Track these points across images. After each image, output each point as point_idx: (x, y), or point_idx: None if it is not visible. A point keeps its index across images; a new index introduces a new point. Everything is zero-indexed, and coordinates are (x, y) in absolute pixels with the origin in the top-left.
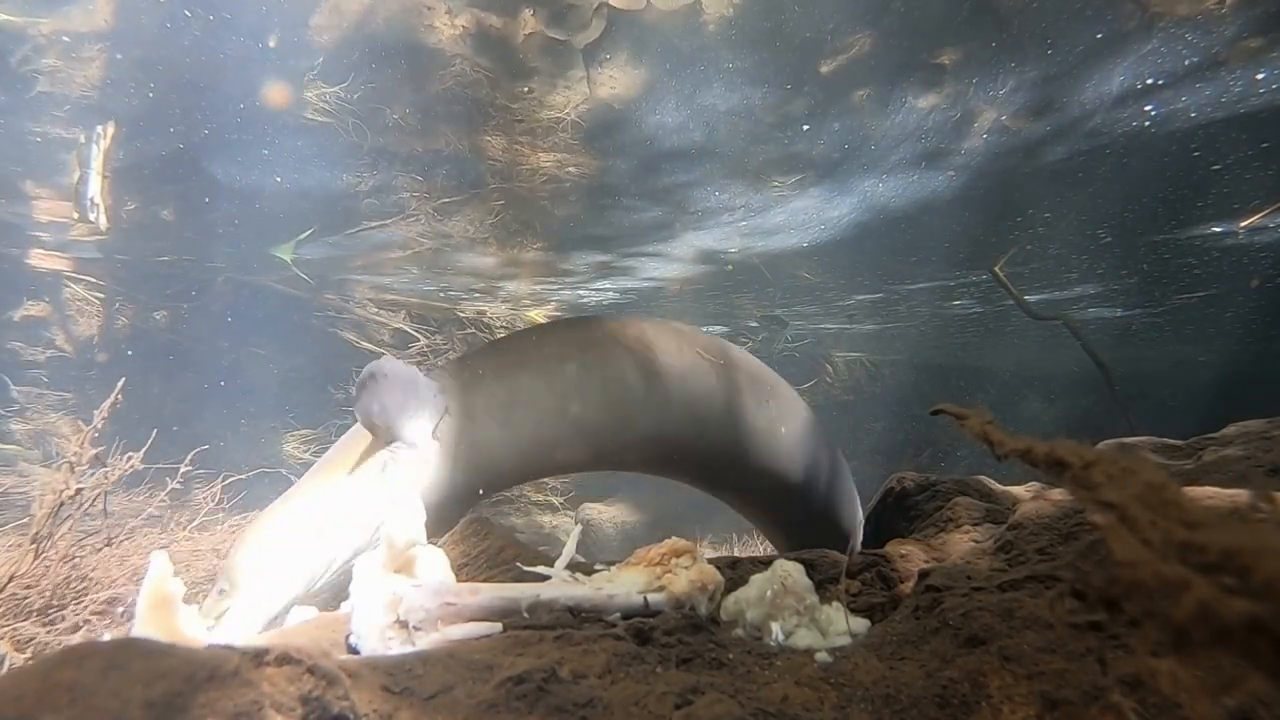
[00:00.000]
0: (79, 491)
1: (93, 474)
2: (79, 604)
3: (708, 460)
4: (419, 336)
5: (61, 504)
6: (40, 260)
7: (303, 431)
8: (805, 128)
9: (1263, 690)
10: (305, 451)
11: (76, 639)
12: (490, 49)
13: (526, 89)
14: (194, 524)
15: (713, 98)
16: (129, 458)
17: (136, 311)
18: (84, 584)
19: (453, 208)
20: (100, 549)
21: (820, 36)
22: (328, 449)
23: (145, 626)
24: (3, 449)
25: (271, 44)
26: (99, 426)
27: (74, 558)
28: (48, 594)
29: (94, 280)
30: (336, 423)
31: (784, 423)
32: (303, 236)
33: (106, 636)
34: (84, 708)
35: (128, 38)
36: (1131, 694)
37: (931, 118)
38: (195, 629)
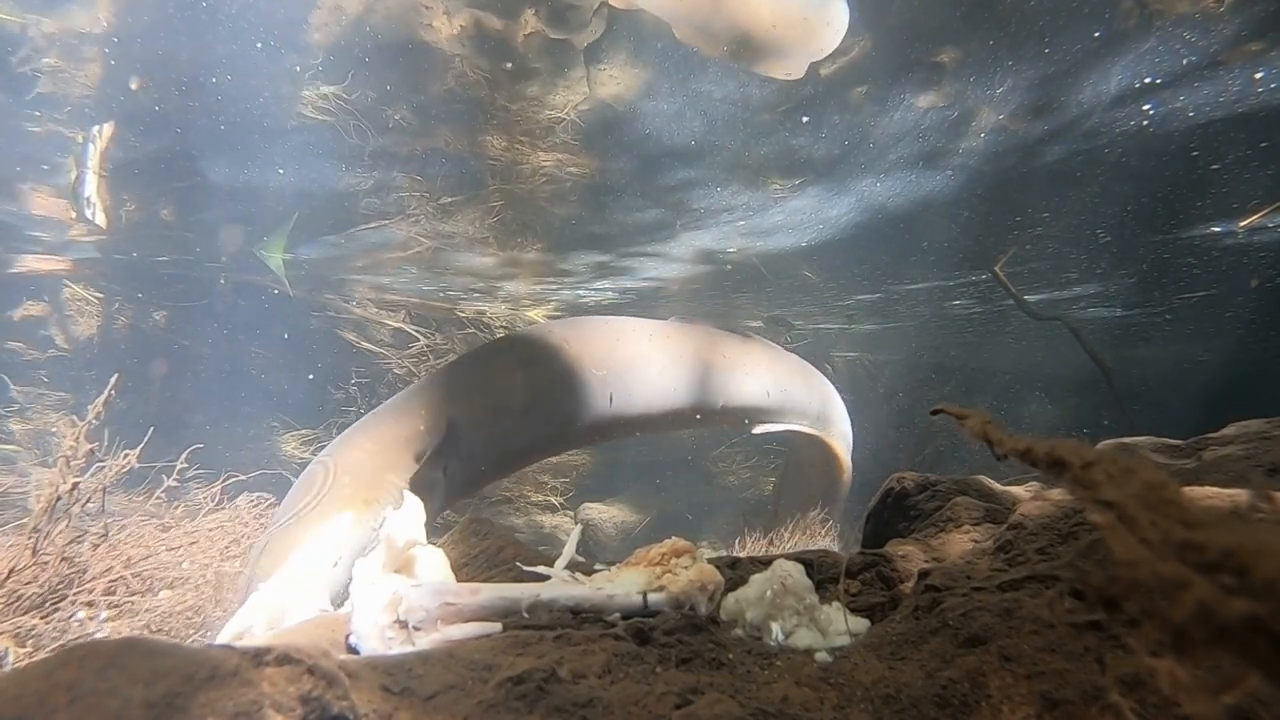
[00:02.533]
0: (75, 486)
1: (89, 471)
2: (75, 597)
3: (679, 417)
4: (419, 336)
5: (59, 498)
6: (39, 262)
7: (303, 431)
8: (805, 119)
9: (1262, 690)
10: (305, 451)
11: (73, 630)
12: (490, 49)
13: (520, 80)
14: (199, 519)
15: (709, 84)
16: (126, 455)
17: (136, 312)
18: (81, 577)
19: (453, 208)
20: (98, 545)
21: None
22: (326, 447)
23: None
24: (2, 449)
25: (271, 43)
26: (93, 420)
27: (70, 555)
28: (45, 588)
29: (93, 279)
30: (336, 421)
31: (739, 368)
32: (287, 227)
33: (102, 617)
34: (84, 707)
35: (127, 37)
36: (1131, 694)
37: (929, 117)
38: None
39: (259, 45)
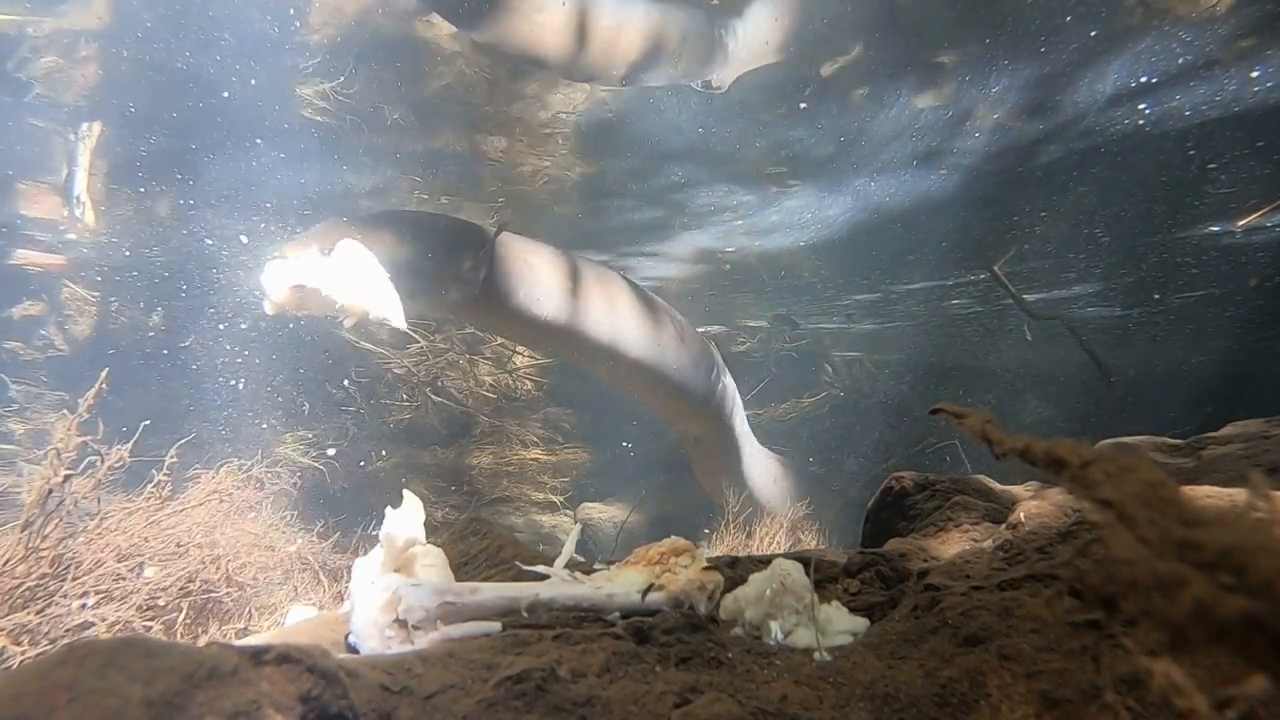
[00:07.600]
0: (67, 479)
1: (82, 465)
2: (69, 591)
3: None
4: (418, 337)
5: (50, 492)
6: (35, 260)
7: (302, 431)
8: (803, 105)
9: (1262, 689)
10: (304, 454)
11: (69, 623)
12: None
13: (519, 78)
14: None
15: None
16: (117, 448)
17: (134, 311)
18: (75, 571)
19: (453, 208)
20: (92, 539)
21: (819, 37)
22: (327, 449)
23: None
24: (1, 448)
25: (269, 42)
26: (84, 414)
27: (62, 549)
28: (37, 583)
29: (91, 279)
30: (335, 422)
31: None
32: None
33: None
34: (83, 706)
35: (124, 36)
36: (1129, 693)
37: (924, 116)
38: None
39: (258, 43)
